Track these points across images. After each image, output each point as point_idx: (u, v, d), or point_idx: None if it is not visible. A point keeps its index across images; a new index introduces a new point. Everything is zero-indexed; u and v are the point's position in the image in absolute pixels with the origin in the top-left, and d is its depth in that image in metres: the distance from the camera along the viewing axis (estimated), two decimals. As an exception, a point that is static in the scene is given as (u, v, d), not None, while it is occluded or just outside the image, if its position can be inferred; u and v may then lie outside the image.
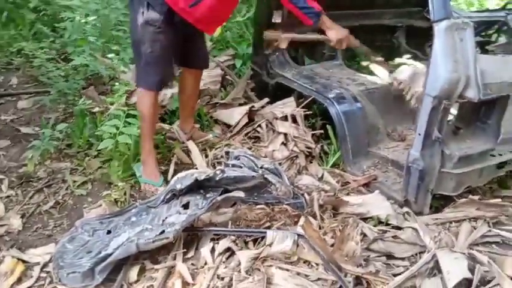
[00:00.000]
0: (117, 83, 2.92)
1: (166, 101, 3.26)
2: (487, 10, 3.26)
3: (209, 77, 3.50)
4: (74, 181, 2.66)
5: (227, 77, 3.75)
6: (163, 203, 2.31)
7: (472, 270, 1.87)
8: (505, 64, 2.29)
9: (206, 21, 2.55)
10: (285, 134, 2.93)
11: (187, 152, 2.84)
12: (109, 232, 2.18)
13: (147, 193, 2.57)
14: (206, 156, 2.83)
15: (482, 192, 2.55)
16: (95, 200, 2.54)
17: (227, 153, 2.62)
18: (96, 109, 3.02)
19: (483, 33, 2.65)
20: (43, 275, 2.02)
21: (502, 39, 2.83)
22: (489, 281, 1.87)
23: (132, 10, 2.55)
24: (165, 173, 2.70)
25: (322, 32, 2.71)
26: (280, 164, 2.70)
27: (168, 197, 2.31)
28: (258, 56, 3.56)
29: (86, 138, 2.96)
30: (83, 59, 2.91)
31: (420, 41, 4.15)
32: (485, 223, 2.28)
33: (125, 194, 2.52)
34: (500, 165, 2.49)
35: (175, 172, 2.68)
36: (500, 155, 2.49)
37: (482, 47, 2.76)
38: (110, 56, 3.28)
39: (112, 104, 2.87)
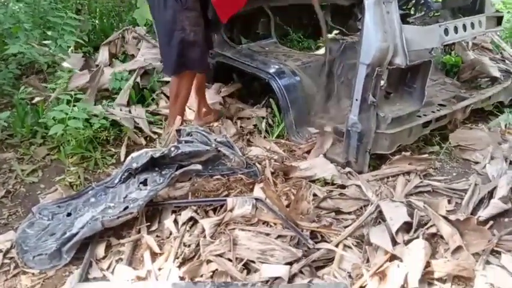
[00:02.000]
0: (58, 70, 2.87)
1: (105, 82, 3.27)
2: (406, -14, 3.56)
3: (150, 53, 3.54)
4: (23, 170, 2.62)
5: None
6: (120, 183, 2.35)
7: (410, 215, 2.12)
8: (426, 33, 2.56)
9: (226, 3, 2.73)
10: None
11: (138, 133, 2.89)
12: (69, 214, 2.20)
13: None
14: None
15: (412, 149, 2.83)
16: (48, 186, 2.52)
17: (178, 130, 2.70)
18: (37, 98, 2.96)
19: (404, 7, 2.92)
20: (6, 261, 2.01)
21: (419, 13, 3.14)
22: (426, 223, 2.13)
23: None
24: (116, 154, 2.73)
25: None
26: (229, 138, 2.83)
27: (124, 176, 2.36)
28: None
29: (28, 127, 2.89)
30: (19, 47, 2.82)
31: (344, 19, 4.43)
32: (417, 176, 2.56)
33: (79, 177, 2.53)
34: (425, 125, 2.79)
35: (127, 153, 2.72)
36: (425, 115, 2.80)
37: (403, 19, 3.03)
38: (46, 42, 3.20)
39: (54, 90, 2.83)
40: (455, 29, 2.70)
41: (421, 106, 2.73)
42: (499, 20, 3.23)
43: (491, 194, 2.34)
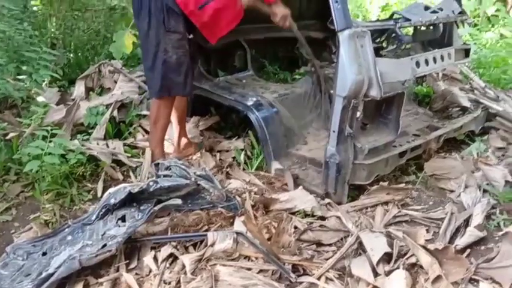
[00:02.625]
0: (33, 105, 2.84)
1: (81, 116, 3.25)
2: (378, 20, 3.68)
3: (127, 87, 3.54)
4: (-4, 208, 2.55)
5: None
6: (98, 219, 2.31)
7: (390, 245, 2.14)
8: (398, 66, 2.64)
9: (211, 25, 2.73)
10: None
11: (115, 168, 2.86)
12: (45, 254, 2.14)
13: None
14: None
15: (389, 179, 2.87)
16: (22, 224, 2.46)
17: (157, 164, 2.68)
18: (11, 134, 2.90)
19: (377, 40, 3.01)
20: (-22, 305, 1.94)
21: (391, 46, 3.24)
22: (405, 253, 2.15)
23: (146, 19, 2.65)
24: (93, 190, 2.69)
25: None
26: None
27: (102, 212, 2.32)
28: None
29: (1, 163, 2.83)
30: (-7, 82, 2.79)
31: (318, 50, 4.53)
32: (395, 205, 2.59)
33: (54, 214, 2.48)
34: (401, 155, 2.85)
35: (104, 189, 2.68)
36: (401, 145, 2.86)
37: (377, 52, 3.13)
38: (21, 77, 3.17)
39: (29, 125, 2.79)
40: (426, 62, 2.80)
41: (397, 136, 2.79)
42: (466, 52, 3.38)
43: (467, 222, 2.38)
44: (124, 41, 3.84)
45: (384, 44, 3.26)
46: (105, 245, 2.07)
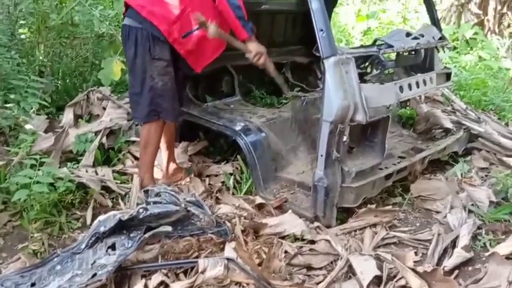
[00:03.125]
0: (21, 133, 2.84)
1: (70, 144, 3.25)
2: (362, 46, 3.78)
3: (115, 113, 3.56)
4: (-18, 238, 2.52)
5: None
6: (87, 248, 2.29)
7: (380, 268, 2.17)
8: (383, 91, 2.71)
9: (196, 53, 2.78)
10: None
11: (104, 195, 2.85)
12: (33, 284, 2.11)
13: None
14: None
15: (376, 202, 2.91)
16: (10, 254, 2.42)
17: (146, 191, 2.68)
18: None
19: (361, 66, 3.09)
20: None
21: (375, 71, 3.32)
22: (395, 276, 2.17)
23: (133, 47, 2.71)
24: (82, 218, 2.68)
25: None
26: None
27: (91, 241, 2.30)
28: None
29: (-12, 193, 2.81)
30: (-20, 111, 2.79)
31: (304, 75, 4.62)
32: (383, 228, 2.62)
33: (43, 244, 2.45)
34: (388, 177, 2.90)
35: (94, 216, 2.67)
36: (387, 167, 2.92)
37: (361, 77, 3.21)
38: (9, 105, 3.17)
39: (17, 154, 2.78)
40: (410, 86, 2.89)
41: (383, 159, 2.85)
42: (448, 76, 3.49)
43: (454, 243, 2.43)
44: (112, 68, 3.87)
45: (368, 69, 3.34)
46: (95, 275, 2.05)
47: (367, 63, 3.21)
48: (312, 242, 2.50)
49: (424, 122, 3.82)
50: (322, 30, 2.45)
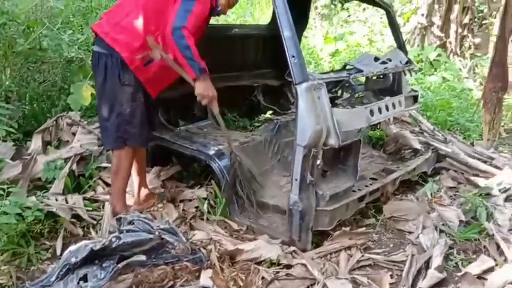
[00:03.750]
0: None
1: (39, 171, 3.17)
2: (332, 71, 3.85)
3: (86, 139, 3.51)
4: None
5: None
6: (58, 280, 2.22)
7: (356, 292, 2.19)
8: (354, 115, 2.77)
9: (154, 81, 2.80)
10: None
11: (75, 224, 2.78)
12: (1, 321, 2.04)
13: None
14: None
15: (350, 223, 2.94)
16: (-25, 290, 2.32)
17: (119, 219, 2.63)
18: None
19: (332, 90, 3.15)
20: None
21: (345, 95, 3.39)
22: (371, 299, 2.20)
23: (102, 73, 2.70)
24: (52, 248, 2.60)
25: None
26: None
27: (62, 272, 2.23)
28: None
29: (-48, 225, 2.69)
30: None
31: (275, 98, 4.67)
32: (358, 250, 2.65)
33: (11, 277, 2.36)
34: (361, 199, 2.94)
35: (64, 246, 2.60)
36: (360, 189, 2.96)
37: (332, 101, 3.27)
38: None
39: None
40: (379, 110, 2.96)
41: (356, 181, 2.89)
42: (415, 98, 3.59)
43: (427, 264, 2.47)
44: (82, 93, 3.80)
45: (339, 93, 3.40)
46: (67, 309, 1.99)
47: (337, 88, 3.27)
48: (289, 266, 2.49)
49: (393, 143, 3.91)
50: (293, 56, 2.50)
